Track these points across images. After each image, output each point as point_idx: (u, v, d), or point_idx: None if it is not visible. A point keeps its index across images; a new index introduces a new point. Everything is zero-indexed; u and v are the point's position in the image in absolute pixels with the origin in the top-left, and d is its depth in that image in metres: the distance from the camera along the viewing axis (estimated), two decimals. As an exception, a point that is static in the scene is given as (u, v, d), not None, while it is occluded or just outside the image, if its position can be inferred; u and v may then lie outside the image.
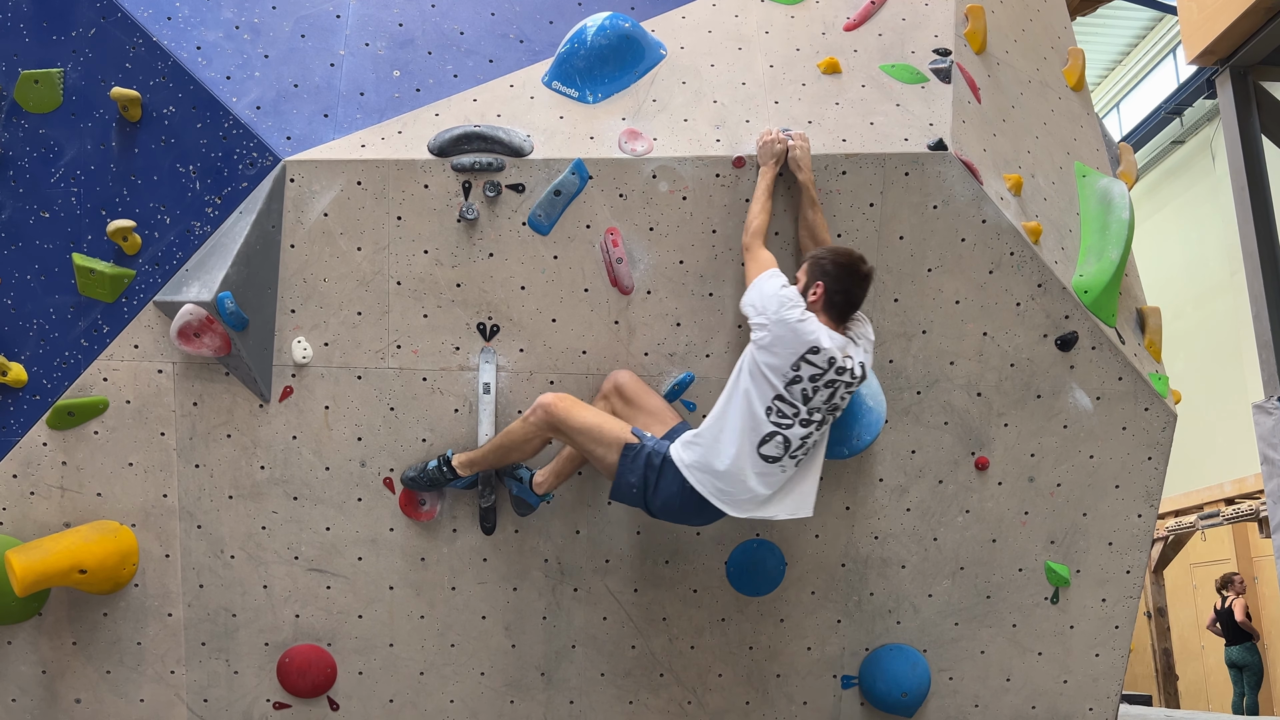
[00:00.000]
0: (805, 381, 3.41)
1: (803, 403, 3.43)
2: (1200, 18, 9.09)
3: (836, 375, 3.43)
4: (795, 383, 3.41)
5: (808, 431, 3.45)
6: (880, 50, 4.02)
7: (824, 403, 3.45)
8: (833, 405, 3.48)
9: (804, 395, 3.42)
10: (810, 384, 3.42)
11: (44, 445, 3.71)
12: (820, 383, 3.42)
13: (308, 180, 3.66)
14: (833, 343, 3.43)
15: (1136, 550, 4.05)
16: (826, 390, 3.44)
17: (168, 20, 3.79)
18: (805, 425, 3.45)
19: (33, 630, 3.75)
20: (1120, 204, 4.12)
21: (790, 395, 3.42)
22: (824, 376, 3.42)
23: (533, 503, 3.74)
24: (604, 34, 3.82)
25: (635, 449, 3.49)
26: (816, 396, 3.43)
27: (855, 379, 3.49)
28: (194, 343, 3.54)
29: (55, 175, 3.76)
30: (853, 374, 3.47)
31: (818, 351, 3.40)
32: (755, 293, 3.47)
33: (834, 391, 3.45)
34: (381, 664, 3.86)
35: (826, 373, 3.42)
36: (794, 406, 3.42)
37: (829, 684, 4.01)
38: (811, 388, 3.42)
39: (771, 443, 3.42)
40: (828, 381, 3.43)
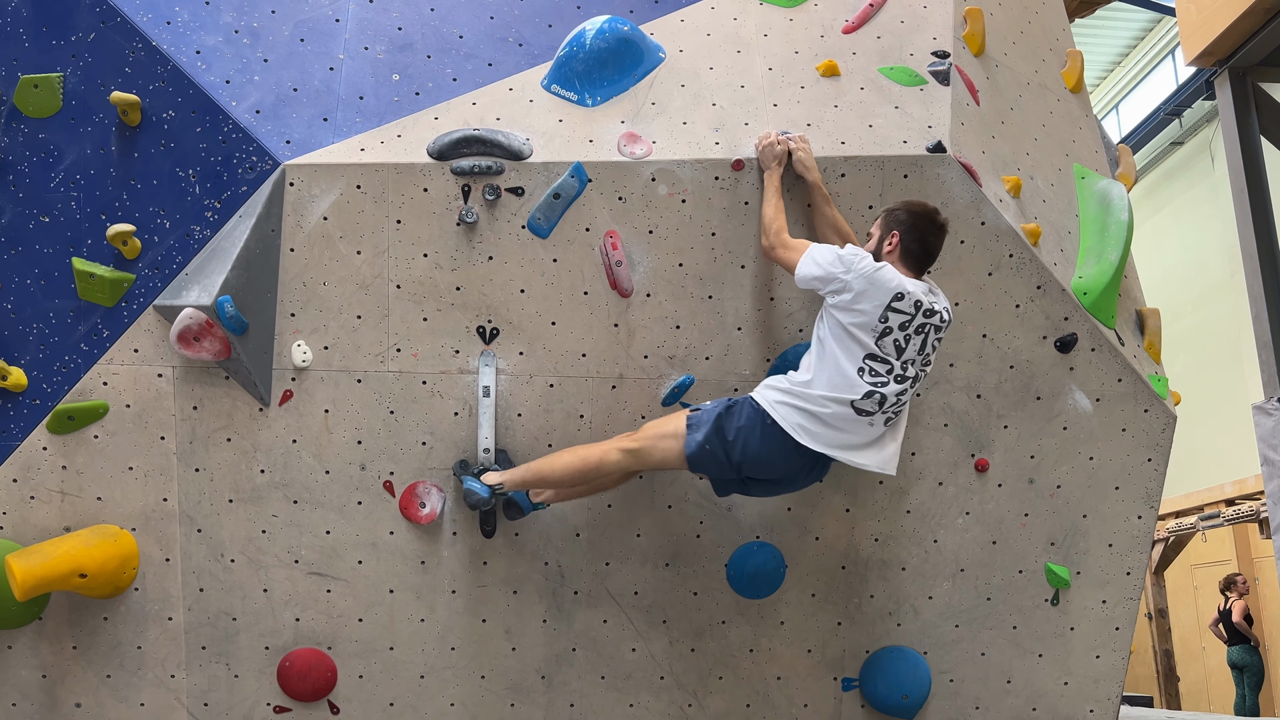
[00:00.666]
0: (896, 331, 3.41)
1: (896, 356, 3.42)
2: (1199, 19, 9.10)
3: (926, 318, 3.43)
4: (886, 334, 3.40)
5: (902, 388, 3.45)
6: (879, 53, 4.02)
7: (917, 352, 3.45)
8: (925, 356, 3.48)
9: (897, 347, 3.42)
10: (900, 333, 3.42)
11: (44, 449, 3.71)
12: (911, 329, 3.42)
13: (307, 184, 3.67)
14: (915, 288, 3.44)
15: (1137, 552, 4.05)
16: (919, 337, 3.44)
17: (167, 25, 3.80)
18: (900, 381, 3.44)
19: (33, 635, 3.75)
20: (1119, 205, 4.13)
21: (883, 349, 3.41)
22: (914, 321, 3.42)
23: (525, 508, 3.73)
24: (603, 37, 3.83)
25: (697, 413, 3.53)
26: (910, 346, 3.43)
27: (945, 322, 3.49)
28: (194, 347, 3.54)
29: (55, 180, 3.76)
30: (941, 317, 3.48)
31: (902, 297, 3.39)
32: (811, 264, 3.45)
33: (925, 338, 3.45)
34: (382, 667, 3.86)
35: (915, 317, 3.41)
36: (887, 362, 3.42)
37: (830, 686, 4.01)
38: (904, 337, 3.42)
39: (868, 400, 3.43)
40: (918, 326, 3.43)
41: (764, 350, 3.82)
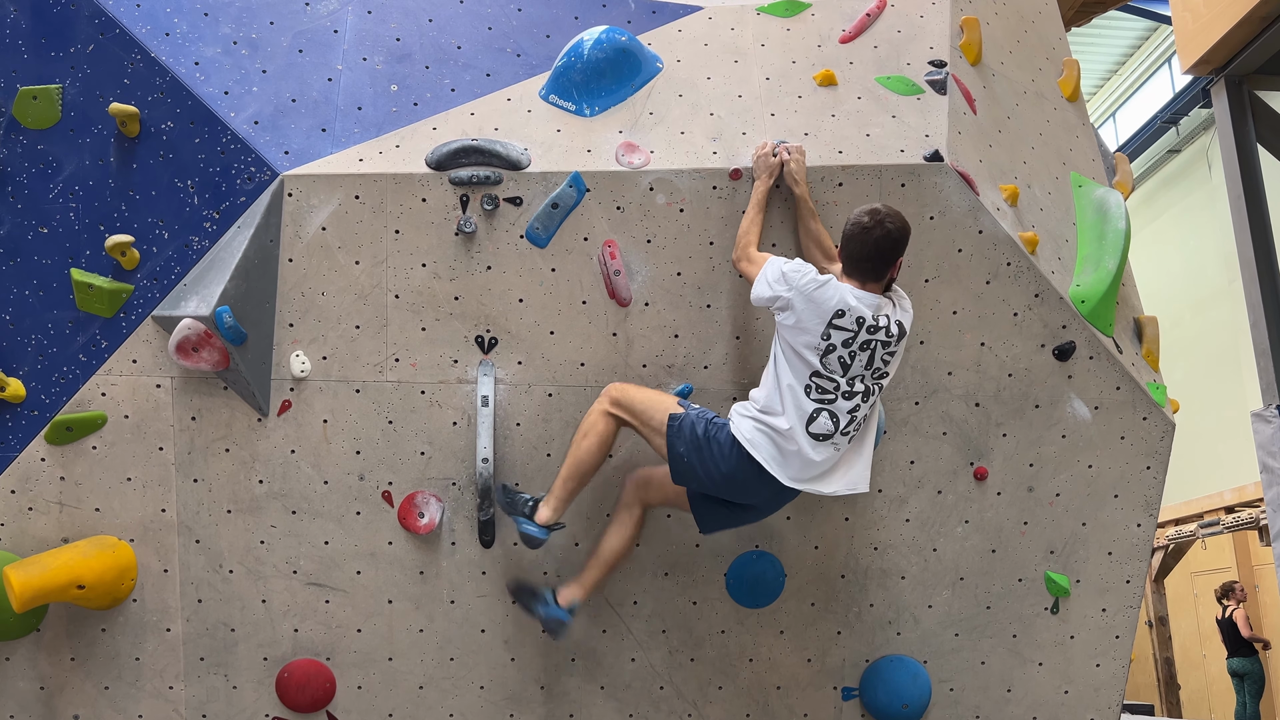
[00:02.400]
0: (840, 348, 3.36)
1: (842, 373, 3.38)
2: (1195, 28, 9.12)
3: (870, 334, 3.38)
4: (830, 352, 3.37)
5: (854, 404, 3.40)
6: (876, 62, 4.04)
7: (865, 368, 3.40)
8: (876, 370, 3.42)
9: (842, 364, 3.38)
10: (844, 350, 3.37)
11: (42, 461, 3.71)
12: (855, 345, 3.37)
13: (306, 194, 3.67)
14: (860, 302, 3.38)
15: (1136, 559, 4.05)
16: (864, 354, 3.39)
17: (166, 36, 3.81)
18: (849, 398, 3.39)
19: (31, 646, 3.74)
20: (1116, 213, 4.14)
21: (828, 368, 3.37)
22: (857, 338, 3.37)
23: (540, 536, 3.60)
24: (601, 48, 3.84)
25: (679, 419, 3.49)
26: (855, 362, 3.38)
27: (893, 336, 3.42)
28: (192, 357, 3.54)
29: (54, 191, 3.77)
30: (889, 331, 3.41)
31: (843, 314, 3.36)
32: (762, 281, 3.44)
33: (871, 354, 3.40)
34: (381, 678, 3.85)
35: (859, 333, 3.36)
36: (833, 380, 3.38)
37: (829, 696, 4.00)
38: (848, 354, 3.37)
39: (818, 421, 3.38)
40: (863, 343, 3.37)
41: (761, 359, 3.82)
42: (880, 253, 3.40)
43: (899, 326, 3.44)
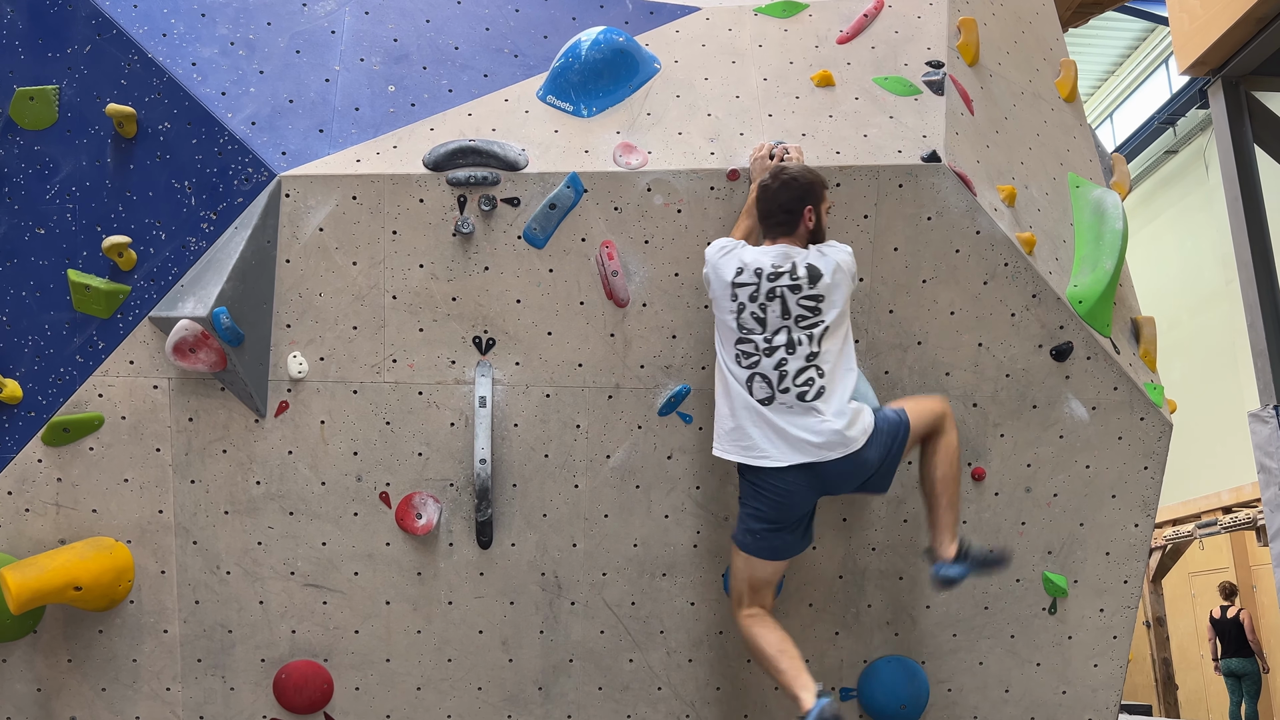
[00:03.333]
0: (749, 304, 3.41)
1: (759, 329, 3.40)
2: (1192, 28, 9.14)
3: (771, 282, 3.41)
4: (742, 312, 3.42)
5: (778, 359, 3.39)
6: (873, 63, 4.04)
7: (781, 318, 3.39)
8: (799, 318, 3.38)
9: (756, 319, 3.41)
10: (753, 304, 3.41)
11: (39, 462, 3.70)
12: (761, 297, 3.40)
13: (303, 195, 3.67)
14: (762, 255, 3.43)
15: (1134, 560, 4.05)
16: (773, 302, 3.40)
17: (163, 37, 3.80)
18: (772, 353, 3.39)
19: (28, 648, 3.74)
20: (1114, 214, 4.14)
21: (744, 328, 3.41)
22: (760, 287, 3.41)
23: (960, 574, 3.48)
24: (598, 48, 3.84)
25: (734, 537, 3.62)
26: (769, 314, 3.40)
27: (801, 279, 3.40)
28: (189, 358, 3.54)
29: (50, 192, 3.76)
30: (794, 274, 3.40)
31: (742, 270, 3.43)
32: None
33: (783, 301, 3.40)
34: (378, 679, 3.85)
35: (760, 284, 3.41)
36: (751, 340, 3.41)
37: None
38: (757, 307, 3.40)
39: (755, 386, 3.41)
40: (768, 292, 3.40)
41: (760, 360, 3.82)
42: (782, 202, 3.48)
43: (809, 269, 3.42)
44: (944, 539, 3.50)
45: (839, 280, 3.47)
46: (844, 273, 3.48)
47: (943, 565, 3.49)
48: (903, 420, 3.52)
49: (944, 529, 3.51)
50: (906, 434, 3.52)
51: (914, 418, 3.55)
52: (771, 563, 3.55)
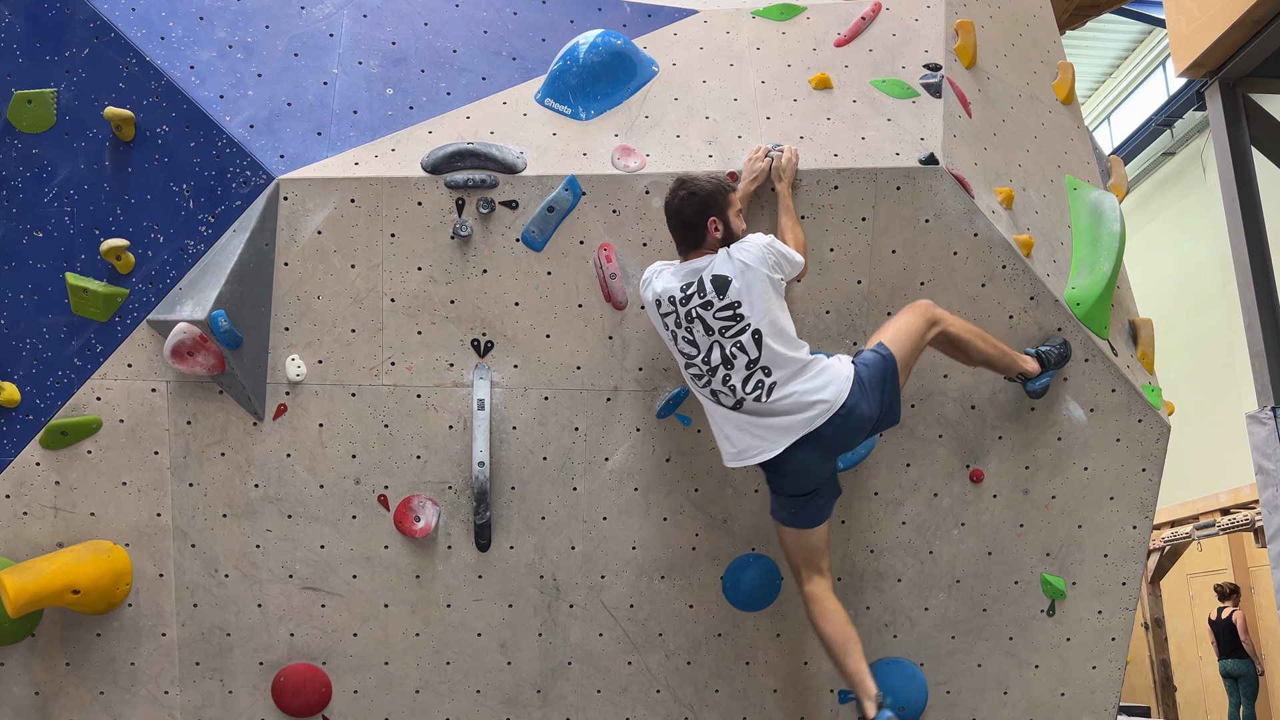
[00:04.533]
0: (677, 331, 3.47)
1: (696, 352, 3.45)
2: (1189, 30, 9.15)
3: (684, 305, 3.43)
4: (675, 339, 3.49)
5: (725, 374, 3.41)
6: (871, 66, 4.04)
7: (705, 335, 3.41)
8: (714, 329, 3.40)
9: (688, 342, 3.46)
10: (679, 329, 3.46)
11: (37, 465, 3.70)
12: (683, 321, 3.45)
13: (301, 198, 3.67)
14: (672, 278, 3.46)
15: (1132, 562, 4.05)
16: (694, 323, 3.43)
17: (161, 40, 3.81)
18: (715, 371, 3.43)
19: (26, 651, 3.73)
20: (1111, 216, 4.14)
21: (685, 354, 3.48)
22: (679, 313, 3.44)
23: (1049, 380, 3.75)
24: (596, 51, 3.84)
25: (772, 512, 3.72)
26: (696, 335, 3.43)
27: (709, 292, 3.39)
28: (188, 361, 3.54)
29: (48, 195, 3.76)
30: (702, 291, 3.40)
31: (659, 302, 3.49)
32: None
33: (700, 320, 3.41)
34: (377, 682, 3.84)
35: (676, 309, 3.45)
36: (694, 364, 3.46)
37: (826, 699, 4.00)
38: (685, 332, 3.45)
39: (720, 400, 3.46)
40: (685, 315, 3.43)
41: (758, 362, 3.82)
42: (685, 218, 3.47)
43: (714, 280, 3.40)
44: (1019, 367, 3.71)
45: (751, 280, 3.40)
46: (755, 270, 3.39)
47: (1032, 381, 3.73)
48: (886, 357, 3.49)
49: (1011, 364, 3.70)
50: (894, 368, 3.50)
51: (898, 348, 3.51)
52: (816, 529, 3.58)
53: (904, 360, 3.52)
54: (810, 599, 3.57)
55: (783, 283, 3.47)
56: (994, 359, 3.68)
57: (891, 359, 3.49)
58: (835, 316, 3.83)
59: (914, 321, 3.57)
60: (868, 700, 3.37)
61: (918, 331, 3.56)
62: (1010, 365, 3.70)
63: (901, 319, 3.60)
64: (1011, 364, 3.70)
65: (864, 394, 3.43)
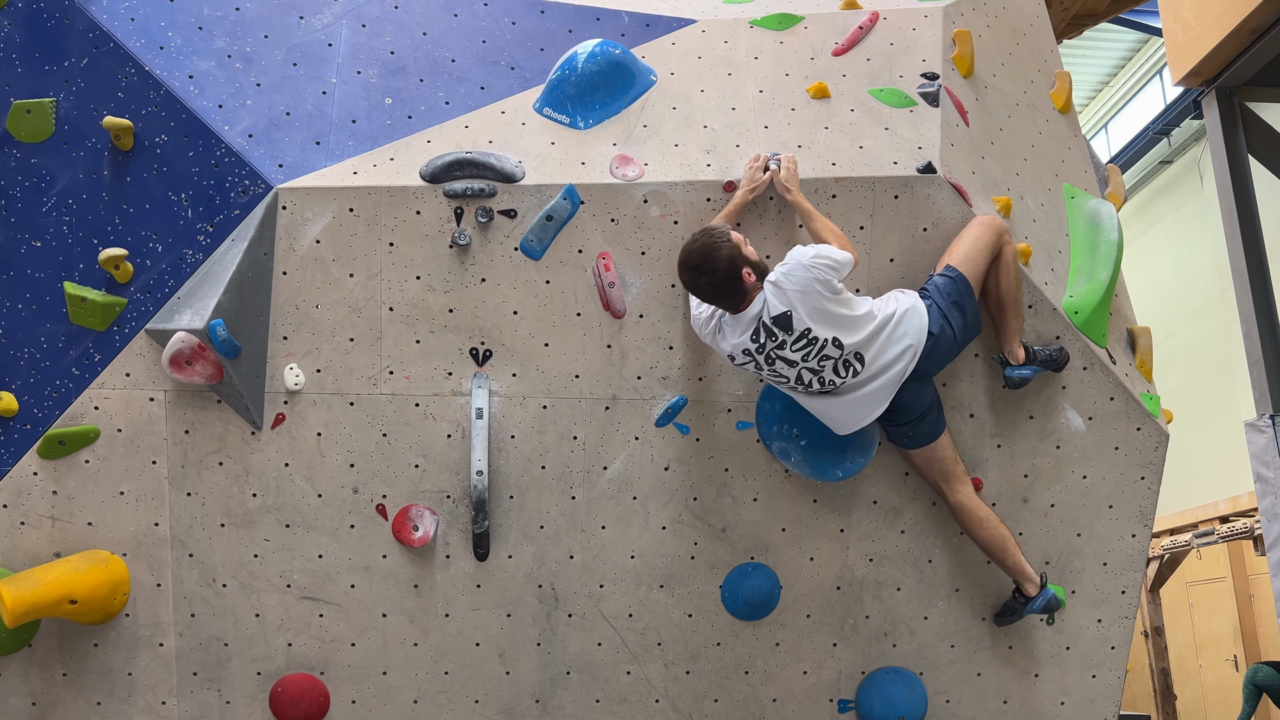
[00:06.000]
0: (761, 372, 3.58)
1: (785, 381, 3.58)
2: (1185, 40, 9.17)
3: (759, 354, 3.53)
4: (760, 375, 3.62)
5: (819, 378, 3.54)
6: (869, 75, 4.05)
7: (789, 367, 3.53)
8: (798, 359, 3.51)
9: (776, 378, 3.59)
10: (763, 371, 3.57)
11: (35, 475, 3.69)
12: (764, 366, 3.55)
13: (300, 207, 3.67)
14: (736, 334, 3.52)
15: (1131, 570, 4.05)
16: (775, 364, 3.54)
17: (160, 50, 3.81)
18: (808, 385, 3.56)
19: (23, 662, 3.72)
20: (1109, 225, 4.15)
21: (777, 383, 3.62)
22: (758, 361, 3.54)
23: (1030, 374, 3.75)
24: (595, 61, 3.85)
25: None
26: (780, 370, 3.55)
27: (778, 336, 3.48)
28: (186, 370, 3.54)
29: (47, 204, 3.76)
30: (771, 335, 3.48)
31: (733, 358, 3.58)
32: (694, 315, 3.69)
33: (782, 359, 3.51)
34: (375, 693, 3.83)
35: (755, 358, 3.54)
36: (789, 386, 3.60)
37: (826, 708, 3.99)
38: (770, 372, 3.57)
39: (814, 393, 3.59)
40: (766, 359, 3.53)
41: (757, 371, 3.82)
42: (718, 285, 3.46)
43: (777, 321, 3.47)
44: (1013, 344, 3.74)
45: (809, 305, 3.45)
46: (808, 293, 3.44)
47: (1014, 368, 3.74)
48: (956, 279, 3.62)
49: (1012, 335, 3.75)
50: (968, 286, 3.62)
51: (968, 267, 3.64)
52: (939, 441, 3.72)
53: (975, 277, 3.65)
54: (959, 509, 3.75)
55: (839, 283, 3.52)
56: (1009, 309, 3.73)
57: (963, 279, 3.62)
58: (834, 325, 3.83)
59: (983, 235, 3.69)
60: (1029, 584, 3.77)
61: (988, 245, 3.68)
62: (1013, 331, 3.75)
63: (971, 233, 3.71)
64: (1014, 333, 3.75)
65: (944, 318, 3.58)
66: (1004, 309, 3.74)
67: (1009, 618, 3.90)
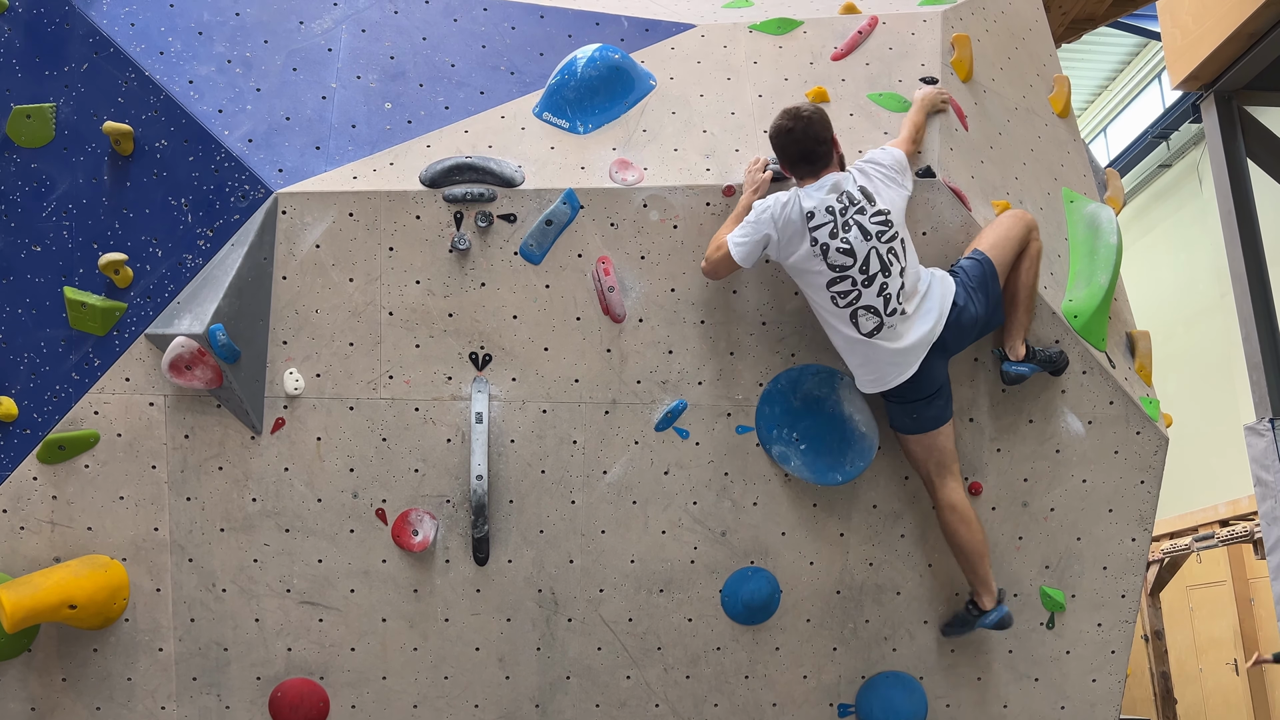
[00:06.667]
0: (832, 242, 3.50)
1: (852, 261, 3.50)
2: (1184, 44, 9.18)
3: (842, 215, 3.50)
4: (827, 251, 3.51)
5: (880, 284, 3.50)
6: (868, 79, 4.06)
7: (865, 240, 3.49)
8: (871, 234, 3.50)
9: (844, 253, 3.50)
10: (834, 239, 3.50)
11: (34, 480, 3.69)
12: (840, 231, 3.49)
13: (299, 212, 3.68)
14: (817, 193, 3.52)
15: (1131, 574, 4.04)
16: (853, 230, 3.49)
17: (160, 55, 3.82)
18: (870, 283, 3.50)
19: (22, 667, 3.72)
20: (1108, 229, 4.15)
21: (836, 267, 3.50)
22: (837, 221, 3.50)
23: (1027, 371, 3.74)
24: (594, 65, 3.86)
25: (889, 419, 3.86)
26: (855, 242, 3.49)
27: (858, 199, 3.51)
28: (185, 375, 3.54)
29: (47, 209, 3.77)
30: (853, 198, 3.51)
31: (813, 214, 3.51)
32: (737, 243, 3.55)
33: (858, 226, 3.49)
34: (375, 697, 3.83)
35: (835, 218, 3.50)
36: (846, 275, 3.51)
37: (826, 713, 3.99)
38: (842, 241, 3.50)
39: (861, 322, 3.53)
40: (844, 224, 3.49)
41: (756, 375, 3.83)
42: (814, 135, 3.54)
43: (862, 191, 3.54)
44: (1016, 340, 3.74)
45: (893, 194, 3.56)
46: (891, 183, 3.57)
47: (1012, 363, 3.73)
48: (982, 261, 3.65)
49: (1017, 330, 3.75)
50: (993, 272, 3.65)
51: (996, 254, 3.67)
52: (942, 429, 3.70)
53: (1002, 265, 3.67)
54: (949, 507, 3.71)
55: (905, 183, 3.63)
56: (1022, 306, 3.75)
57: (989, 263, 3.64)
58: (833, 329, 3.83)
59: (1015, 226, 3.73)
60: (989, 597, 3.75)
61: (1018, 238, 3.71)
62: (1019, 327, 3.76)
63: (1003, 223, 3.74)
64: (1021, 329, 3.76)
65: (970, 297, 3.60)
66: (1017, 304, 3.75)
67: (959, 629, 3.87)
